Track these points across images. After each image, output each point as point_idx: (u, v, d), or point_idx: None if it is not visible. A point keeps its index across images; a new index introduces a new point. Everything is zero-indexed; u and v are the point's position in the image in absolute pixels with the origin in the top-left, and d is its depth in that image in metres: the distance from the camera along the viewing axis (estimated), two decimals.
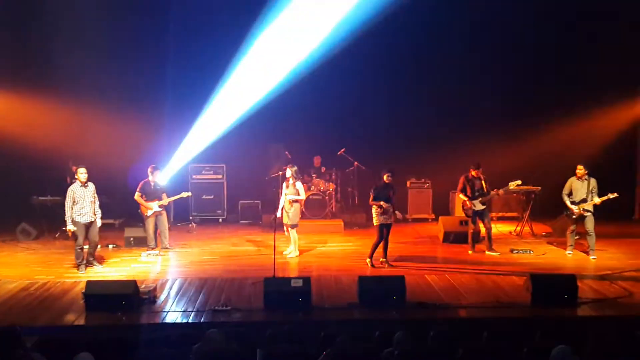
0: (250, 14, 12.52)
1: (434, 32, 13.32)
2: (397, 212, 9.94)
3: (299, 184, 10.49)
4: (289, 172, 10.49)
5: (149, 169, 10.91)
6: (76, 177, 9.59)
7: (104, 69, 12.70)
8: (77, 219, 9.46)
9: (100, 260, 10.09)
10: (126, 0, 12.87)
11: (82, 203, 9.46)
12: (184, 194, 11.24)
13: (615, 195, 10.05)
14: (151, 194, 10.79)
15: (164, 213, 11.01)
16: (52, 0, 12.32)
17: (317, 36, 12.75)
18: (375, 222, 9.86)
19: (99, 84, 12.84)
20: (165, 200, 10.99)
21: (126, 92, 13.25)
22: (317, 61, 12.80)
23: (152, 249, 10.82)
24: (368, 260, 9.88)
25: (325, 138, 14.23)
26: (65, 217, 9.50)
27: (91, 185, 9.62)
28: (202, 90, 13.16)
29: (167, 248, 11.02)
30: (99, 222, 9.74)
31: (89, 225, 9.57)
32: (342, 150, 13.96)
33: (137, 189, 10.80)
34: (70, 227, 9.48)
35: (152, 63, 13.19)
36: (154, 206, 10.77)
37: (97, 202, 9.74)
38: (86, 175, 9.50)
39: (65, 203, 9.49)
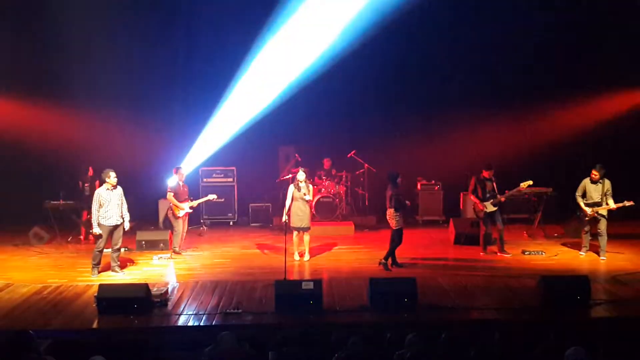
0: (260, 18, 12.57)
1: (440, 34, 13.32)
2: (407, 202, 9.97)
3: (310, 185, 10.51)
4: (302, 175, 10.41)
5: (174, 170, 11.11)
6: (107, 180, 9.50)
7: (115, 75, 12.78)
8: (102, 222, 9.46)
9: (123, 265, 9.99)
10: (137, 7, 12.94)
11: (107, 206, 9.45)
12: (211, 197, 11.35)
13: (631, 203, 9.98)
14: (181, 195, 10.92)
15: (188, 215, 11.08)
16: (66, 8, 12.42)
17: (327, 39, 12.80)
18: (397, 225, 9.82)
19: (110, 89, 12.91)
20: (195, 202, 11.13)
21: (137, 96, 13.33)
22: (327, 64, 12.85)
23: (177, 253, 10.88)
24: (385, 262, 9.86)
25: (335, 140, 14.25)
26: (92, 219, 9.54)
27: (119, 189, 9.63)
28: (212, 94, 13.23)
29: (177, 252, 11.06)
30: (126, 225, 9.71)
31: (113, 229, 9.55)
32: (352, 152, 13.97)
33: (169, 190, 10.93)
34: (96, 229, 9.50)
35: (163, 67, 13.29)
36: (185, 207, 10.87)
37: (125, 205, 9.72)
38: (116, 179, 9.51)
39: (92, 206, 9.51)
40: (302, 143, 14.23)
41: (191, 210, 11.07)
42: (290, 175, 12.92)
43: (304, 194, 10.28)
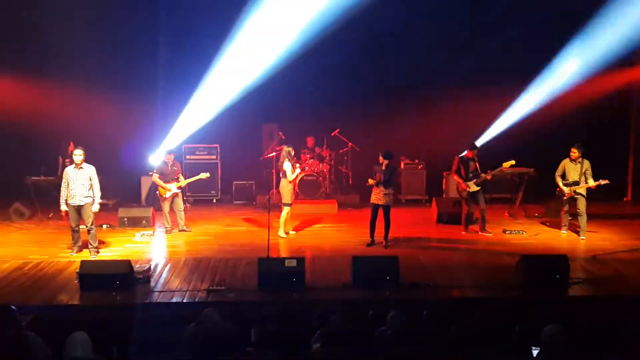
0: None
1: (423, 9, 13.18)
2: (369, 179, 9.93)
3: (286, 164, 10.42)
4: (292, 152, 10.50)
5: (164, 152, 11.07)
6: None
7: (97, 49, 12.57)
8: (69, 201, 9.28)
9: (100, 246, 9.57)
10: None
11: (72, 185, 9.18)
12: (202, 175, 11.19)
13: (607, 182, 10.14)
14: (168, 175, 10.82)
15: (180, 194, 11.03)
16: None
17: (311, 15, 12.63)
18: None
19: (91, 63, 12.71)
20: (184, 182, 11.03)
21: (119, 71, 13.13)
22: (311, 41, 12.69)
23: (168, 231, 10.86)
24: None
25: (319, 119, 14.18)
26: (60, 197, 9.39)
27: (88, 169, 9.23)
28: (195, 70, 13.08)
29: (183, 230, 10.99)
30: (94, 208, 9.29)
31: (78, 209, 9.25)
32: (336, 131, 13.94)
33: (155, 171, 10.86)
34: (63, 207, 9.37)
35: (145, 43, 13.05)
36: (172, 187, 10.81)
37: (97, 186, 9.29)
38: (80, 158, 9.13)
39: (62, 184, 9.37)
40: (286, 121, 14.17)
41: (179, 190, 10.97)
42: (274, 154, 12.92)
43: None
